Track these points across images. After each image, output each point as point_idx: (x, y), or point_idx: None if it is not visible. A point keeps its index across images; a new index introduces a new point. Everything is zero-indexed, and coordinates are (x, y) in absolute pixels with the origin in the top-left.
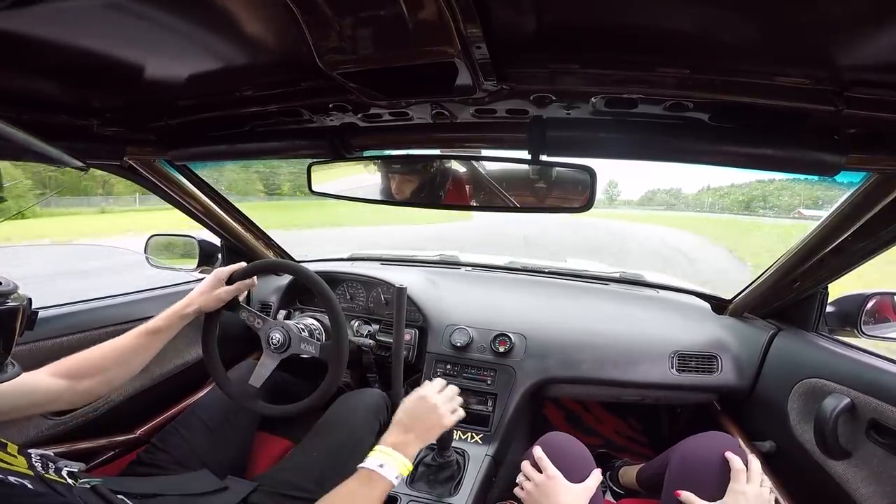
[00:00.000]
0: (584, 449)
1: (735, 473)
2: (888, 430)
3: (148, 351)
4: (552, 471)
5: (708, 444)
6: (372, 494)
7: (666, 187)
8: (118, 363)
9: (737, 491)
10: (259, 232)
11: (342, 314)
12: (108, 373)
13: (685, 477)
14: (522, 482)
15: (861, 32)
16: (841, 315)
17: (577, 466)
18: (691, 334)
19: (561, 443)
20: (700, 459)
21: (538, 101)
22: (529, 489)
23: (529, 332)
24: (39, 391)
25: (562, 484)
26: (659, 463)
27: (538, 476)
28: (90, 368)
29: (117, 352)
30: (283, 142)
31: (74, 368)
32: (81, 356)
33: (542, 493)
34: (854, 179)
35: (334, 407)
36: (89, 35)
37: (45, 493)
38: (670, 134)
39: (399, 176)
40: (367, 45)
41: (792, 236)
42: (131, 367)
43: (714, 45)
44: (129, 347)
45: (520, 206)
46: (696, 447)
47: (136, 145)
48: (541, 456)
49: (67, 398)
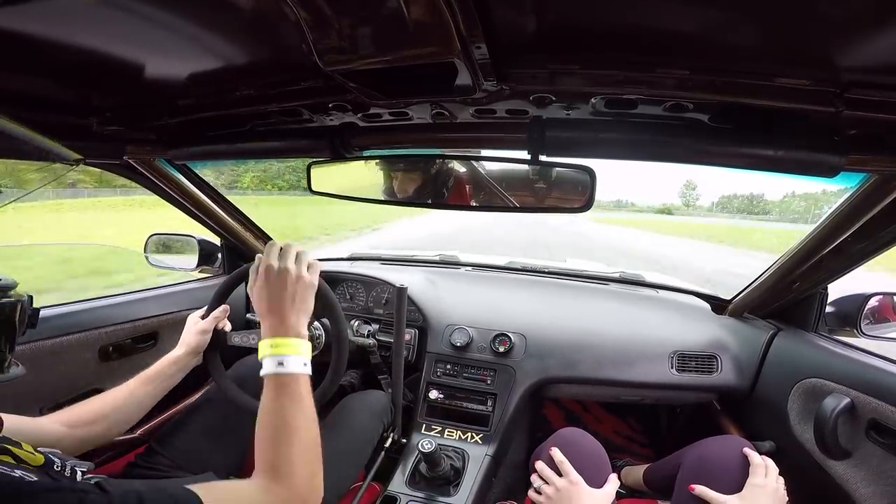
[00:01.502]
0: (599, 446)
1: (754, 468)
2: (888, 429)
3: (147, 397)
4: (575, 476)
5: (724, 446)
6: (294, 398)
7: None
8: (117, 411)
9: (756, 485)
10: (259, 231)
11: (342, 314)
12: (107, 419)
13: (700, 477)
14: (542, 486)
15: (861, 33)
16: (841, 315)
17: (595, 466)
18: (691, 334)
19: (577, 440)
20: (716, 460)
21: (538, 101)
22: (550, 493)
23: (529, 332)
24: (44, 434)
25: (585, 491)
26: (670, 464)
27: (559, 481)
28: (90, 415)
29: (118, 400)
30: (282, 141)
31: (75, 417)
32: (84, 405)
33: (565, 498)
34: (853, 181)
35: (338, 409)
36: (89, 34)
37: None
38: (670, 134)
39: (398, 176)
40: (367, 45)
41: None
42: (131, 414)
43: (714, 45)
44: (128, 394)
45: (519, 207)
46: (711, 449)
47: (136, 144)
48: (562, 459)
49: (69, 444)
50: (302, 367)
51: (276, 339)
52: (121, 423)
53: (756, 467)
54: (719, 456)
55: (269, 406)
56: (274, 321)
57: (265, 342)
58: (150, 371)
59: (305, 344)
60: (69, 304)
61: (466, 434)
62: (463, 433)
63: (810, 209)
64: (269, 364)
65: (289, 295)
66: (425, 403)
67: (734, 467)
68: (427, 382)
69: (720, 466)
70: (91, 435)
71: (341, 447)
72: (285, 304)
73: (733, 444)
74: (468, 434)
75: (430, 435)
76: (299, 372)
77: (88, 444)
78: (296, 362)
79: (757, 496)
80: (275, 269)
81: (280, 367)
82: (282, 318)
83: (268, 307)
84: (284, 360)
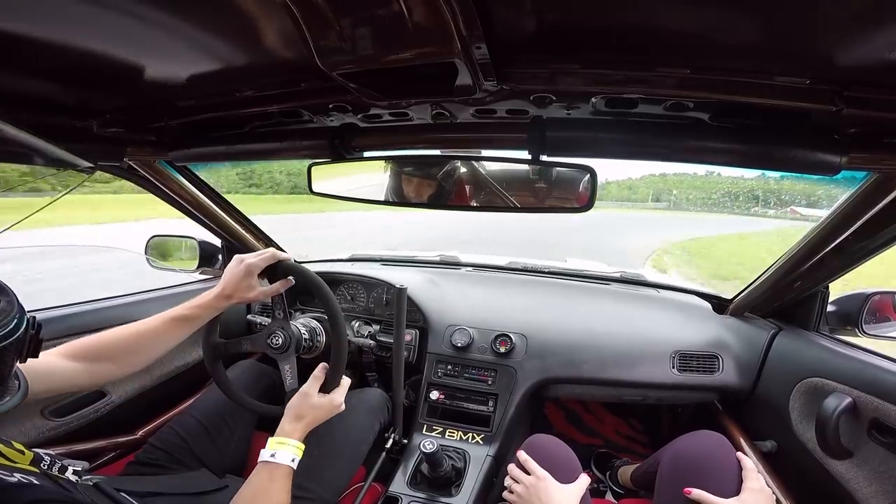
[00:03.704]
0: (569, 450)
1: (748, 472)
2: (889, 429)
3: (172, 338)
4: (540, 472)
5: (698, 443)
6: (275, 482)
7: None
8: (142, 348)
9: (755, 489)
10: (259, 232)
11: (342, 316)
12: (129, 356)
13: (678, 475)
14: (511, 485)
15: (861, 32)
16: (842, 314)
17: (564, 468)
18: (692, 334)
19: (545, 444)
20: (691, 458)
21: (538, 101)
22: (520, 491)
23: (530, 332)
24: (55, 375)
25: (553, 484)
26: (650, 462)
27: (527, 478)
28: (107, 350)
29: (141, 336)
30: (282, 142)
31: (90, 350)
32: (95, 338)
33: (534, 495)
34: (854, 180)
35: None
36: (89, 36)
37: (51, 489)
38: (671, 134)
39: (399, 176)
40: (367, 46)
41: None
42: (153, 354)
43: (714, 44)
44: (154, 332)
45: (520, 207)
46: (685, 447)
47: (136, 146)
48: (526, 458)
49: (83, 381)
50: (290, 462)
51: (288, 439)
52: (141, 360)
53: (750, 472)
54: (694, 457)
55: (251, 485)
56: (293, 426)
57: (279, 435)
58: (183, 311)
59: (300, 448)
60: (70, 305)
61: (468, 434)
62: (464, 434)
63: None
64: (266, 451)
65: (317, 416)
66: (426, 404)
67: (721, 466)
68: (428, 383)
69: (695, 467)
70: (107, 370)
71: (338, 444)
72: (310, 420)
73: (708, 442)
74: (469, 434)
75: (431, 435)
76: (285, 465)
77: (103, 379)
78: (288, 458)
79: (758, 501)
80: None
81: (272, 458)
82: (299, 427)
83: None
84: (280, 453)
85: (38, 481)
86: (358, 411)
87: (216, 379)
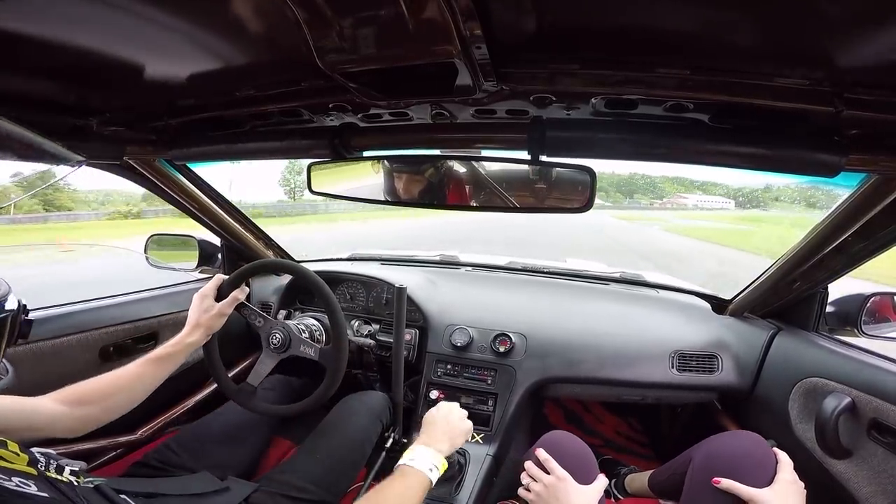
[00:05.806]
0: (586, 447)
1: (783, 465)
2: (889, 429)
3: (153, 379)
4: (561, 472)
5: (736, 442)
6: (407, 485)
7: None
8: (121, 390)
9: (788, 480)
10: (259, 232)
11: (342, 315)
12: (110, 399)
13: (718, 473)
14: (529, 484)
15: (860, 33)
16: (841, 315)
17: (581, 466)
18: (692, 334)
19: (563, 442)
20: (728, 457)
21: (538, 101)
22: (538, 490)
23: (530, 331)
24: (39, 415)
25: (573, 485)
26: (676, 466)
27: (547, 477)
28: (89, 395)
29: (120, 379)
30: (282, 142)
31: (77, 395)
32: (87, 383)
33: (552, 495)
34: (854, 181)
35: (337, 408)
36: (89, 34)
37: (49, 496)
38: (670, 135)
39: (399, 176)
40: (368, 45)
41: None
42: (135, 395)
43: (714, 45)
44: (133, 375)
45: (520, 207)
46: (722, 444)
47: (136, 145)
48: (547, 458)
49: (65, 424)
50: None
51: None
52: (123, 403)
53: (786, 464)
54: (731, 455)
55: (384, 484)
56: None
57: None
58: (159, 352)
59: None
60: (69, 304)
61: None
62: None
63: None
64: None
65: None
66: (426, 403)
67: (757, 462)
68: (428, 382)
69: (732, 466)
70: (91, 415)
71: (341, 447)
72: (443, 428)
73: (746, 441)
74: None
75: None
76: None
77: (88, 425)
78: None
79: (790, 491)
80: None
81: (412, 462)
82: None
83: (430, 423)
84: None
85: (36, 487)
86: (360, 414)
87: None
